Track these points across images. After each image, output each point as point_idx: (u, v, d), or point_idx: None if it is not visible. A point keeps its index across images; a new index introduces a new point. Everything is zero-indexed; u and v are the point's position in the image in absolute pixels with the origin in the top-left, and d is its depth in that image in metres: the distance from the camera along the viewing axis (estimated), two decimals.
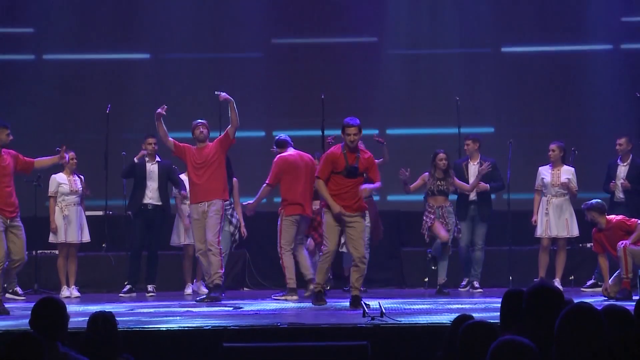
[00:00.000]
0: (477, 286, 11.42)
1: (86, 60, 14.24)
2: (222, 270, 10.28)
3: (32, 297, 10.80)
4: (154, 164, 11.45)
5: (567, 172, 11.53)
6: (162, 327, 7.51)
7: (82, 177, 11.51)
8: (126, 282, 11.36)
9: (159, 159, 11.51)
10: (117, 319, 5.38)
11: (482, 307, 9.15)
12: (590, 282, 11.44)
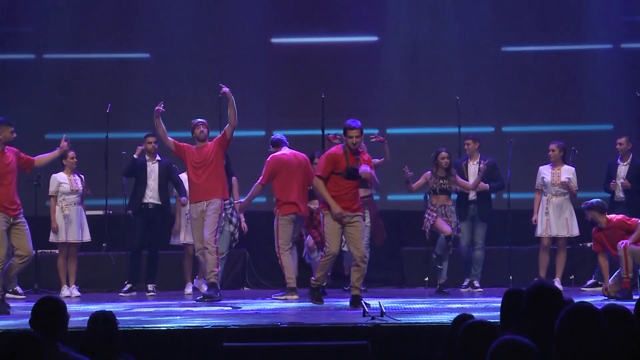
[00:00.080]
0: (477, 286, 11.42)
1: (86, 59, 14.23)
2: (217, 269, 10.29)
3: (32, 296, 10.81)
4: (154, 163, 11.46)
5: (567, 171, 11.54)
6: (162, 326, 7.50)
7: (83, 176, 11.52)
8: (126, 282, 11.37)
9: (159, 157, 11.52)
10: (117, 318, 5.37)
11: (482, 307, 9.15)
12: (590, 282, 11.44)
